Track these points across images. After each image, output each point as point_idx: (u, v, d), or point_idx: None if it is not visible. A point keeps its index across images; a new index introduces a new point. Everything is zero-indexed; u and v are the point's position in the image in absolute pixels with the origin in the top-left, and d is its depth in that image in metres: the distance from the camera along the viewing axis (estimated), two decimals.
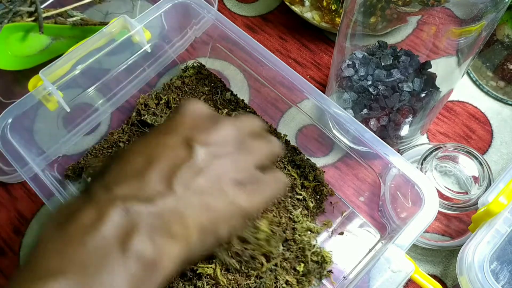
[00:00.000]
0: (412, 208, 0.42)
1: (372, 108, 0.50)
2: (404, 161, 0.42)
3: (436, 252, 0.50)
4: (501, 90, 0.59)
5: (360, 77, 0.50)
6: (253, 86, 0.58)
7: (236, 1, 0.69)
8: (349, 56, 0.51)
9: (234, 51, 0.55)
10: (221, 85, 0.57)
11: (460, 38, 0.42)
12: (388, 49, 0.50)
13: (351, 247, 0.48)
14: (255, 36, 0.65)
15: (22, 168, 0.43)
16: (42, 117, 0.48)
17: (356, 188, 0.51)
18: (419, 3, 0.40)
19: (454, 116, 0.59)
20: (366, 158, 0.47)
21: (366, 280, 0.38)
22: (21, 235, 0.52)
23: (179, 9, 0.52)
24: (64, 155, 0.52)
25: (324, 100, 0.46)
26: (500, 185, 0.44)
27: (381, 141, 0.43)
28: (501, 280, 0.42)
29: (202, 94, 0.56)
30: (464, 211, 0.48)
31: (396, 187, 0.45)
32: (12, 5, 0.55)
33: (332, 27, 0.61)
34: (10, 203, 0.54)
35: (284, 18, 0.67)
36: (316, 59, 0.64)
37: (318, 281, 0.46)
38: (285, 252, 0.46)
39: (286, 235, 0.46)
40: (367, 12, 0.45)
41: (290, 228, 0.47)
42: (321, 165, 0.53)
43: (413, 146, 0.55)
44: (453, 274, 0.49)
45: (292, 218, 0.48)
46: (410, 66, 0.48)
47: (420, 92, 0.48)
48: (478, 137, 0.57)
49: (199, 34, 0.56)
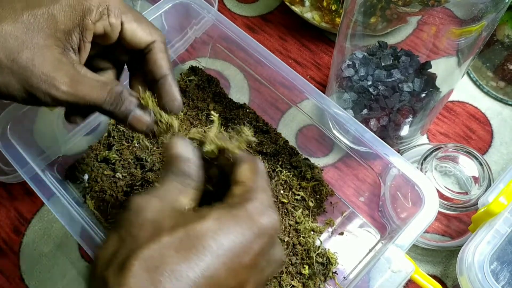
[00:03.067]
0: (412, 208, 0.42)
1: (372, 108, 0.50)
2: (404, 161, 0.42)
3: (436, 252, 0.50)
4: (501, 90, 0.59)
5: (360, 77, 0.50)
6: (253, 86, 0.58)
7: (236, 1, 0.69)
8: (349, 56, 0.51)
9: (234, 51, 0.55)
10: (220, 89, 0.57)
11: (460, 38, 0.42)
12: (388, 49, 0.50)
13: (351, 247, 0.48)
14: (255, 36, 0.65)
15: (22, 168, 0.43)
16: (42, 117, 0.48)
17: (356, 188, 0.51)
18: (419, 3, 0.40)
19: (454, 116, 0.59)
20: (366, 158, 0.47)
21: (366, 280, 0.38)
22: (21, 235, 0.52)
23: (179, 9, 0.52)
24: (64, 155, 0.52)
25: (324, 100, 0.46)
26: (500, 186, 0.44)
27: (381, 141, 0.43)
28: (501, 280, 0.42)
29: (202, 99, 0.56)
30: (464, 211, 0.48)
31: (396, 187, 0.45)
32: None
33: (332, 27, 0.61)
34: (10, 203, 0.54)
35: (284, 18, 0.67)
36: (316, 59, 0.64)
37: (322, 283, 0.46)
38: (291, 258, 0.46)
39: (290, 239, 0.46)
40: (367, 12, 0.45)
41: (293, 230, 0.47)
42: (321, 165, 0.53)
43: (413, 146, 0.55)
44: (453, 274, 0.49)
45: (294, 219, 0.48)
46: (410, 66, 0.48)
47: (420, 92, 0.48)
48: (478, 137, 0.57)
49: (199, 34, 0.56)
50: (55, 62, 0.31)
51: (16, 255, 0.51)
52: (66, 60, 0.32)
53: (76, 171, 0.51)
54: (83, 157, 0.52)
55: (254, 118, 0.54)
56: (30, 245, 0.51)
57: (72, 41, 0.33)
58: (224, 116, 0.55)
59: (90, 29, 0.33)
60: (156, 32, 0.36)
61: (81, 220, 0.41)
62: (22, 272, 0.50)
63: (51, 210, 0.42)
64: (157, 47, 0.36)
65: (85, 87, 0.32)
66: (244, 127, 0.32)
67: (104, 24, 0.34)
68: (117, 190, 0.48)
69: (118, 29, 0.34)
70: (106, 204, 0.48)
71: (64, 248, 0.51)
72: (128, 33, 0.35)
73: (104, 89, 0.33)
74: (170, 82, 0.36)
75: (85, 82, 0.32)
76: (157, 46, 0.36)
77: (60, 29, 0.32)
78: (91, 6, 0.33)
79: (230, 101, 0.56)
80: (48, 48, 0.31)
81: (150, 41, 0.35)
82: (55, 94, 0.31)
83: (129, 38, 0.35)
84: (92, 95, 0.32)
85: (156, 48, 0.36)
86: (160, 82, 0.36)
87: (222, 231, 0.27)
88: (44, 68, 0.31)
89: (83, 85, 0.32)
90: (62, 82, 0.31)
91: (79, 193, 0.50)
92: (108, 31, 0.34)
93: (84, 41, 0.33)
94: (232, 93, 0.58)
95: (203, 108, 0.55)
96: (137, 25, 0.35)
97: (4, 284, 0.49)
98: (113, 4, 0.34)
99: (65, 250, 0.51)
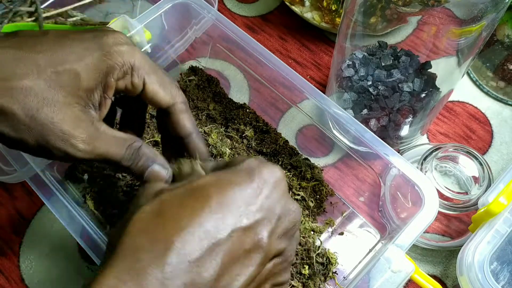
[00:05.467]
0: (412, 208, 0.42)
1: (372, 108, 0.50)
2: (404, 161, 0.42)
3: (436, 252, 0.50)
4: (501, 90, 0.59)
5: (360, 77, 0.50)
6: (253, 86, 0.58)
7: (236, 1, 0.69)
8: (349, 56, 0.51)
9: (234, 51, 0.55)
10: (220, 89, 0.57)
11: (460, 38, 0.42)
12: (388, 49, 0.50)
13: (351, 247, 0.48)
14: (255, 36, 0.65)
15: (22, 168, 0.43)
16: None
17: (356, 188, 0.51)
18: (419, 3, 0.40)
19: (454, 116, 0.59)
20: (366, 158, 0.47)
21: (366, 280, 0.38)
22: (21, 235, 0.52)
23: (179, 9, 0.52)
24: None
25: (324, 100, 0.46)
26: (500, 186, 0.44)
27: (381, 141, 0.43)
28: (501, 280, 0.42)
29: (202, 99, 0.56)
30: (464, 211, 0.48)
31: (396, 187, 0.45)
32: (12, 5, 0.55)
33: (332, 27, 0.61)
34: (10, 203, 0.54)
35: (284, 18, 0.67)
36: (316, 59, 0.64)
37: (322, 283, 0.46)
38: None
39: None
40: (367, 12, 0.45)
41: None
42: (321, 165, 0.53)
43: (413, 146, 0.55)
44: (453, 274, 0.49)
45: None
46: (410, 66, 0.48)
47: (420, 92, 0.48)
48: (478, 137, 0.57)
49: (199, 34, 0.56)
50: (74, 120, 0.31)
51: (16, 255, 0.51)
52: (85, 117, 0.32)
53: (76, 171, 0.51)
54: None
55: (254, 118, 0.54)
56: (30, 245, 0.51)
57: (94, 98, 0.33)
58: (224, 116, 0.55)
59: (112, 87, 0.33)
60: (177, 93, 0.36)
61: (81, 220, 0.41)
62: (22, 272, 0.50)
63: (51, 210, 0.42)
64: (179, 109, 0.36)
65: (103, 144, 0.32)
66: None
67: (127, 83, 0.34)
68: (117, 190, 0.48)
69: (139, 89, 0.34)
70: (106, 204, 0.48)
71: (64, 248, 0.51)
72: (149, 94, 0.35)
73: (122, 145, 0.33)
74: (195, 140, 0.37)
75: (103, 138, 0.32)
76: (179, 108, 0.36)
77: (82, 88, 0.31)
78: (115, 65, 0.32)
79: (230, 101, 0.56)
80: (68, 106, 0.31)
81: (171, 103, 0.36)
82: (72, 152, 0.31)
83: (150, 98, 0.35)
84: (110, 151, 0.32)
85: (178, 110, 0.36)
86: (186, 140, 0.37)
87: (222, 181, 0.28)
88: (63, 126, 0.30)
89: (101, 142, 0.32)
90: (80, 140, 0.31)
91: (79, 193, 0.50)
92: (130, 89, 0.34)
93: (105, 98, 0.33)
94: (232, 93, 0.58)
95: (203, 108, 0.55)
96: (159, 87, 0.35)
97: (4, 284, 0.49)
98: (137, 64, 0.34)
99: (65, 250, 0.51)
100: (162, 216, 0.26)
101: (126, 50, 0.33)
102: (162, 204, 0.27)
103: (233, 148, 0.51)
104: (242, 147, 0.51)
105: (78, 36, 0.33)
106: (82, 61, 0.31)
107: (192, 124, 0.37)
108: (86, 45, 0.32)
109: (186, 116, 0.37)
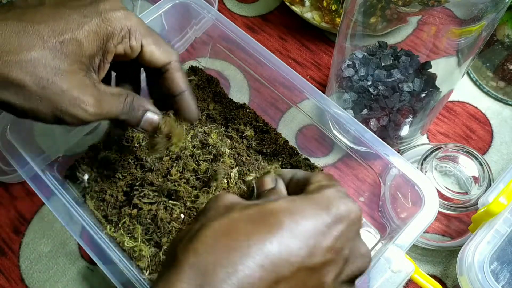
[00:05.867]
0: (412, 208, 0.42)
1: (372, 108, 0.50)
2: (404, 161, 0.42)
3: (436, 252, 0.50)
4: (501, 90, 0.59)
5: (360, 77, 0.50)
6: (253, 86, 0.58)
7: (236, 1, 0.69)
8: (349, 56, 0.51)
9: (234, 51, 0.55)
10: (220, 89, 0.57)
11: (460, 38, 0.42)
12: (388, 49, 0.50)
13: None
14: (255, 36, 0.65)
15: (22, 168, 0.43)
16: None
17: (356, 188, 0.51)
18: (419, 3, 0.40)
19: (454, 116, 0.59)
20: (366, 158, 0.47)
21: (366, 280, 0.38)
22: (21, 235, 0.52)
23: (179, 9, 0.52)
24: (64, 155, 0.51)
25: (324, 100, 0.46)
26: (500, 186, 0.44)
27: (381, 141, 0.43)
28: (501, 280, 0.42)
29: (202, 99, 0.56)
30: (464, 211, 0.48)
31: (396, 187, 0.45)
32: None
33: (332, 27, 0.61)
34: (10, 203, 0.54)
35: (284, 18, 0.67)
36: (316, 59, 0.64)
37: None
38: None
39: None
40: (367, 12, 0.45)
41: None
42: (321, 165, 0.53)
43: (413, 146, 0.55)
44: (453, 274, 0.49)
45: None
46: (410, 66, 0.48)
47: (420, 92, 0.48)
48: (478, 137, 0.57)
49: (199, 34, 0.56)
50: (81, 86, 0.33)
51: (16, 255, 0.51)
52: (89, 82, 0.33)
53: (76, 171, 0.51)
54: (83, 157, 0.52)
55: (254, 118, 0.54)
56: (30, 245, 0.51)
57: (94, 63, 0.34)
58: (224, 116, 0.55)
59: (111, 52, 0.34)
60: (172, 52, 0.38)
61: (81, 220, 0.41)
62: (22, 272, 0.50)
63: (51, 210, 0.42)
64: (174, 67, 0.38)
65: (106, 104, 0.34)
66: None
67: (125, 46, 0.35)
68: (117, 190, 0.48)
69: (138, 51, 0.36)
70: (106, 204, 0.48)
71: (64, 248, 0.51)
72: (147, 55, 0.36)
73: (120, 100, 0.35)
74: (187, 97, 0.39)
75: (106, 99, 0.34)
76: (174, 65, 0.38)
77: (85, 55, 0.33)
78: (114, 30, 0.34)
79: (230, 101, 0.56)
80: (74, 73, 0.32)
81: (167, 61, 0.37)
82: (83, 116, 0.33)
83: (147, 59, 0.37)
84: (112, 109, 0.35)
85: (173, 68, 0.38)
86: (178, 97, 0.39)
87: (297, 210, 0.27)
88: (73, 93, 0.32)
89: (105, 103, 0.34)
90: (89, 104, 0.33)
91: (79, 193, 0.50)
92: (128, 52, 0.36)
93: (105, 62, 0.35)
94: (232, 93, 0.58)
95: (203, 108, 0.55)
96: (156, 47, 0.37)
97: (4, 284, 0.49)
98: (134, 28, 0.35)
99: (65, 250, 0.51)
100: (230, 237, 0.25)
101: (123, 15, 0.34)
102: (232, 224, 0.26)
103: (233, 148, 0.50)
104: (242, 147, 0.51)
105: (75, 3, 0.34)
106: (82, 28, 0.32)
107: (185, 82, 0.39)
108: (84, 12, 0.33)
109: (180, 74, 0.38)
